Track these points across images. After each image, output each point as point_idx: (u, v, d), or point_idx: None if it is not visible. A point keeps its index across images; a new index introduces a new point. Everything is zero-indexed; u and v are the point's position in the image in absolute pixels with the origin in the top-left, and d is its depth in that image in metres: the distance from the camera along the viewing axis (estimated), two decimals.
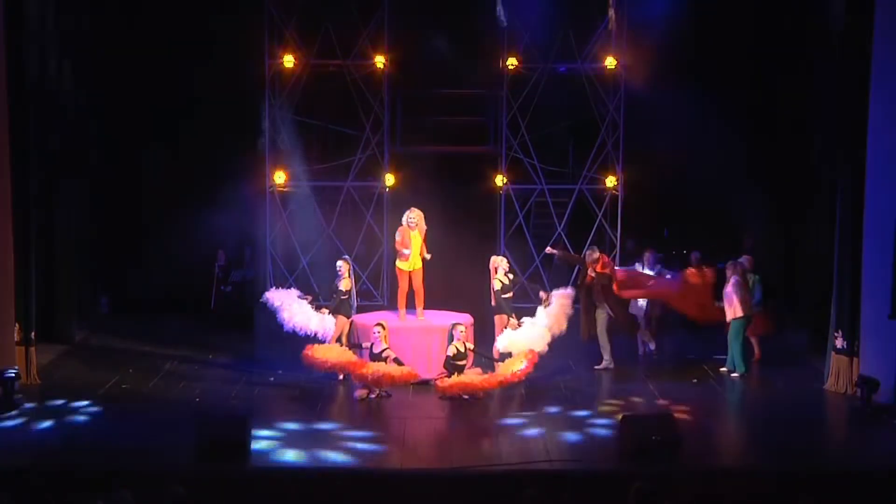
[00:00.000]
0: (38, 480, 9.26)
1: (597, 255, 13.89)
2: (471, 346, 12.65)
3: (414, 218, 13.39)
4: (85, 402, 12.04)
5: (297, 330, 13.10)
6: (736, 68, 16.29)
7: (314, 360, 12.44)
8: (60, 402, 12.09)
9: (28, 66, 12.96)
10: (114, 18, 15.98)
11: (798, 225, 16.27)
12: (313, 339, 13.22)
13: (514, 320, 13.31)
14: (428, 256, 13.52)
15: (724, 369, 13.58)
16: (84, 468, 9.71)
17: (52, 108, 14.36)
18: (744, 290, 13.46)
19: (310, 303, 13.38)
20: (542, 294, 13.50)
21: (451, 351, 12.45)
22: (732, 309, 13.43)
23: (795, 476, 9.77)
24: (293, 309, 13.08)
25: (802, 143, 15.81)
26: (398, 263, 13.54)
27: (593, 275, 13.76)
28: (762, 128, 16.47)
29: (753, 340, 14.05)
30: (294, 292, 13.56)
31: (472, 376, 12.41)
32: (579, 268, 14.34)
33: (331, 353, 12.49)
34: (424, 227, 13.47)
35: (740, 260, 13.91)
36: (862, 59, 12.21)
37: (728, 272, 13.55)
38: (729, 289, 13.47)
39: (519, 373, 12.47)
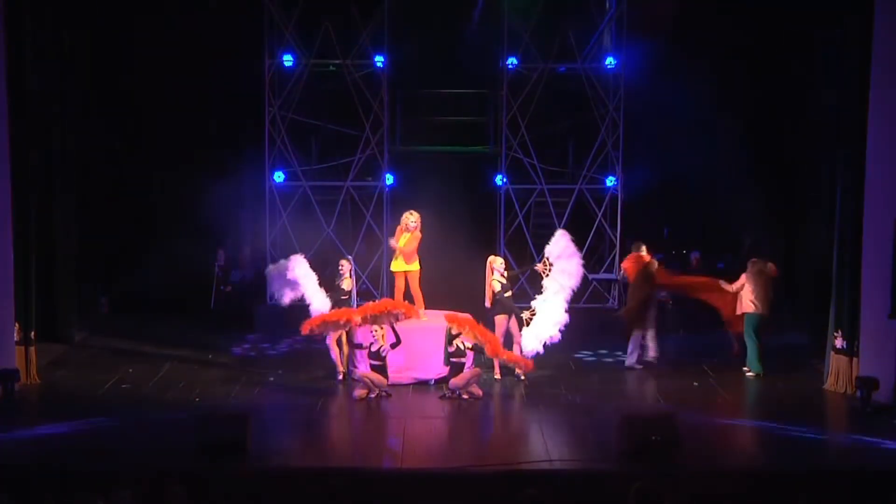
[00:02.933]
0: (37, 480, 9.28)
1: (643, 249, 13.95)
2: (469, 344, 12.61)
3: (413, 221, 13.31)
4: (84, 402, 12.03)
5: (297, 295, 13.07)
6: (736, 68, 16.28)
7: (312, 324, 12.46)
8: (60, 402, 12.08)
9: (27, 66, 12.94)
10: (113, 20, 15.94)
11: (798, 224, 16.27)
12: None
13: (525, 314, 13.23)
14: (414, 267, 13.35)
15: (746, 368, 13.54)
16: (84, 468, 9.69)
17: (52, 108, 14.35)
18: (758, 287, 13.39)
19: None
20: (537, 267, 13.44)
21: (452, 348, 12.44)
22: (744, 302, 13.39)
23: (795, 476, 9.76)
24: (304, 277, 13.06)
25: (802, 143, 15.81)
26: (394, 265, 13.49)
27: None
28: (762, 127, 16.47)
29: (734, 336, 14.04)
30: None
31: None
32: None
33: (325, 315, 12.59)
34: (419, 234, 13.35)
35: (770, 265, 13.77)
36: (862, 58, 12.21)
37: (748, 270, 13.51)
38: (741, 284, 13.44)
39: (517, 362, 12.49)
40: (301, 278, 13.09)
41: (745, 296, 13.38)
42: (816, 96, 14.89)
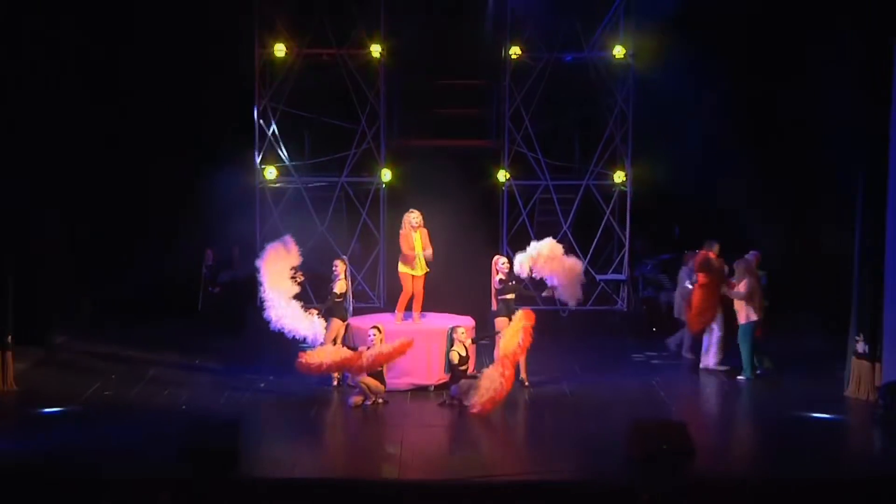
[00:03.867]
0: (17, 491, 9.26)
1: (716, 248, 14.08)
2: (468, 341, 12.56)
3: (415, 219, 13.27)
4: (65, 410, 12.00)
5: (286, 332, 13.02)
6: (752, 59, 16.24)
7: (309, 365, 12.42)
8: (38, 409, 12.04)
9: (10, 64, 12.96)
10: (99, 10, 15.86)
11: (815, 223, 16.24)
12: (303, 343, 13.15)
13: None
14: (429, 252, 13.32)
15: (741, 377, 13.58)
16: (64, 478, 9.66)
17: (36, 104, 14.28)
18: (757, 293, 13.45)
19: (299, 282, 13.19)
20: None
21: (454, 357, 12.39)
22: (745, 312, 13.46)
23: (815, 487, 9.74)
24: (282, 309, 12.99)
25: (820, 138, 15.77)
26: (403, 268, 13.40)
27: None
28: (778, 121, 16.44)
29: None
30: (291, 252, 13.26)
31: (493, 382, 11.92)
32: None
33: (324, 355, 12.46)
34: (424, 230, 13.35)
35: (748, 256, 13.89)
36: (884, 52, 12.17)
37: (738, 272, 13.55)
38: (742, 290, 13.45)
39: (520, 346, 12.29)
40: (283, 319, 12.96)
41: (752, 301, 13.46)
42: (837, 90, 14.84)
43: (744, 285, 13.46)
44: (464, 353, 12.41)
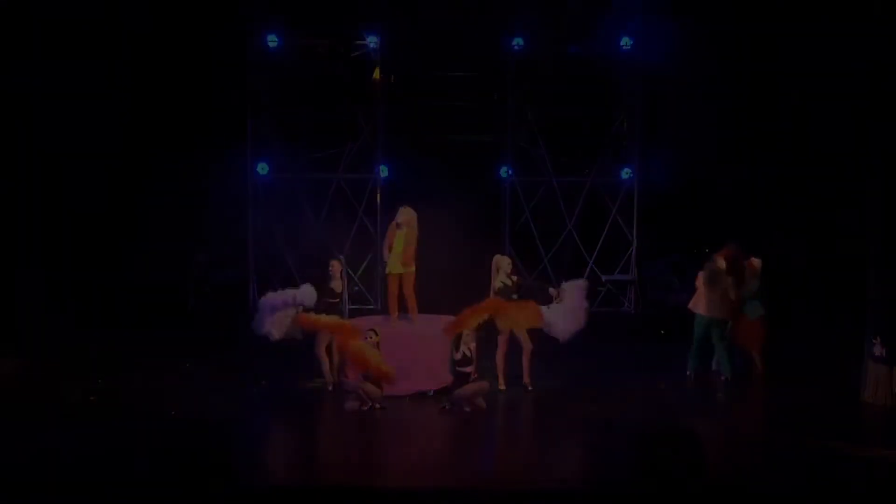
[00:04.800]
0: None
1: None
2: (473, 343, 12.61)
3: (400, 216, 13.22)
4: (48, 419, 12.01)
5: (277, 309, 12.98)
6: (767, 50, 16.26)
7: (305, 320, 12.55)
8: (20, 419, 12.05)
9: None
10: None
11: (829, 221, 16.27)
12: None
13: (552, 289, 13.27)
14: (407, 268, 13.21)
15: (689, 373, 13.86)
16: (49, 491, 9.69)
17: (17, 96, 14.30)
18: (713, 291, 13.57)
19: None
20: (551, 291, 13.41)
21: (458, 355, 12.45)
22: (697, 304, 13.76)
23: (830, 500, 9.76)
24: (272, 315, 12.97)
25: (834, 132, 15.80)
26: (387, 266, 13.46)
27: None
28: (793, 116, 16.46)
29: (754, 353, 14.10)
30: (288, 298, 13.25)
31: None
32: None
33: (325, 318, 12.65)
34: (415, 230, 13.32)
35: (753, 260, 13.99)
36: None
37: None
38: (697, 281, 13.75)
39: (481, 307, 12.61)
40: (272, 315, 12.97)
41: (700, 296, 13.75)
42: (850, 84, 14.86)
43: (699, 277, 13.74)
44: (468, 354, 12.45)
